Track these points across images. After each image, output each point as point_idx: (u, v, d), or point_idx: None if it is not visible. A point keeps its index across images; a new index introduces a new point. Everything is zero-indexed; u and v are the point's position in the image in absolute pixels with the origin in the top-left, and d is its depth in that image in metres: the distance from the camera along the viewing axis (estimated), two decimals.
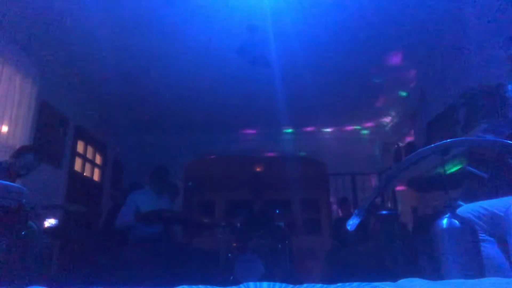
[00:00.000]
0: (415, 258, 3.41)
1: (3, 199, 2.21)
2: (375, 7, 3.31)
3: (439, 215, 1.32)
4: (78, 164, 5.16)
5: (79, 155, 5.21)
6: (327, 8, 3.33)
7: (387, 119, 6.15)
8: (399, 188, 5.60)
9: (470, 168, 1.76)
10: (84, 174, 5.37)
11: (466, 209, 1.64)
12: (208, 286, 0.90)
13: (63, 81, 4.45)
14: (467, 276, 1.12)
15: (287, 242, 5.06)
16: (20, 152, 3.02)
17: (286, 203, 9.14)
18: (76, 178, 5.00)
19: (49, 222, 3.16)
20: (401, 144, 5.78)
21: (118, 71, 4.34)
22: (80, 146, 5.22)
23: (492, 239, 1.57)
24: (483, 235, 1.57)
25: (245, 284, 0.91)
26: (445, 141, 1.17)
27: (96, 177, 5.78)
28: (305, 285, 0.90)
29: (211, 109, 5.53)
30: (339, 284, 0.90)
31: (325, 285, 0.89)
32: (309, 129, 6.64)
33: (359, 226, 1.30)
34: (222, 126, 6.31)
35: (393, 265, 3.52)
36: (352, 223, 1.27)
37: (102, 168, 5.93)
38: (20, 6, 3.18)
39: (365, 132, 6.70)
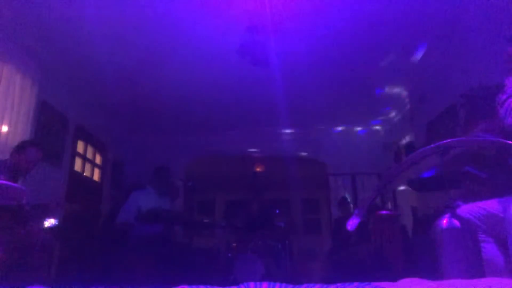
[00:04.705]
0: (415, 258, 3.41)
1: (3, 199, 2.22)
2: (375, 7, 3.31)
3: (439, 215, 1.32)
4: (78, 164, 5.16)
5: (79, 155, 5.21)
6: (327, 8, 3.33)
7: (387, 119, 6.15)
8: (399, 188, 5.60)
9: (469, 168, 1.76)
10: (84, 174, 5.37)
11: (465, 209, 1.64)
12: (208, 286, 0.90)
13: (63, 81, 4.45)
14: (467, 276, 1.12)
15: (287, 242, 5.06)
16: (22, 147, 2.97)
17: (286, 203, 9.15)
18: (76, 178, 5.00)
19: (49, 222, 3.15)
20: (401, 144, 5.78)
21: (118, 71, 4.34)
22: (80, 146, 5.22)
23: (491, 239, 1.57)
24: (483, 235, 1.57)
25: (245, 284, 0.91)
26: (445, 141, 1.17)
27: (96, 177, 5.78)
28: (305, 285, 0.90)
29: (211, 109, 5.54)
30: (339, 284, 0.90)
31: (325, 285, 0.89)
32: (309, 129, 6.63)
33: (359, 226, 1.30)
34: (222, 126, 6.31)
35: (393, 265, 3.52)
36: (352, 223, 1.27)
37: (102, 168, 5.93)
38: (20, 6, 3.18)
39: (365, 132, 6.70)
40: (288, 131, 6.58)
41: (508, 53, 1.77)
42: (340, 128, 6.64)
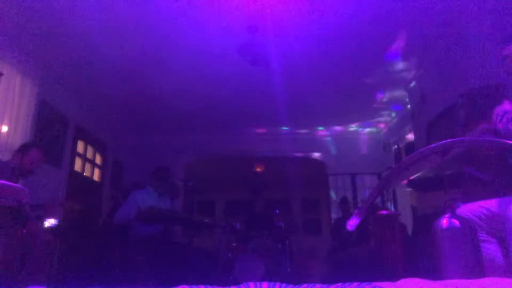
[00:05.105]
0: (415, 258, 3.41)
1: (3, 199, 2.22)
2: (374, 7, 3.31)
3: (439, 215, 1.32)
4: (78, 164, 5.16)
5: (79, 155, 5.20)
6: (327, 8, 3.33)
7: (387, 119, 6.15)
8: (399, 188, 5.60)
9: (470, 170, 1.76)
10: (84, 174, 5.37)
11: (466, 209, 1.64)
12: (208, 286, 0.90)
13: (63, 81, 4.45)
14: (467, 276, 1.12)
15: (287, 242, 5.06)
16: (25, 149, 2.98)
17: (286, 203, 9.15)
18: (76, 178, 5.00)
19: (49, 222, 3.15)
20: (401, 144, 5.78)
21: (118, 71, 4.34)
22: (80, 146, 5.22)
23: (492, 239, 1.57)
24: (483, 235, 1.56)
25: (245, 284, 0.91)
26: (445, 141, 1.16)
27: (96, 177, 5.78)
28: (305, 285, 0.90)
29: (211, 109, 5.54)
30: (339, 284, 0.90)
31: (325, 285, 0.89)
32: (309, 129, 6.63)
33: (359, 226, 1.30)
34: (222, 126, 6.31)
35: (393, 265, 3.52)
36: (352, 223, 1.27)
37: (102, 168, 5.93)
38: (20, 6, 3.18)
39: (365, 132, 6.70)
40: (288, 131, 6.58)
41: (503, 54, 1.77)
42: (340, 128, 6.64)
